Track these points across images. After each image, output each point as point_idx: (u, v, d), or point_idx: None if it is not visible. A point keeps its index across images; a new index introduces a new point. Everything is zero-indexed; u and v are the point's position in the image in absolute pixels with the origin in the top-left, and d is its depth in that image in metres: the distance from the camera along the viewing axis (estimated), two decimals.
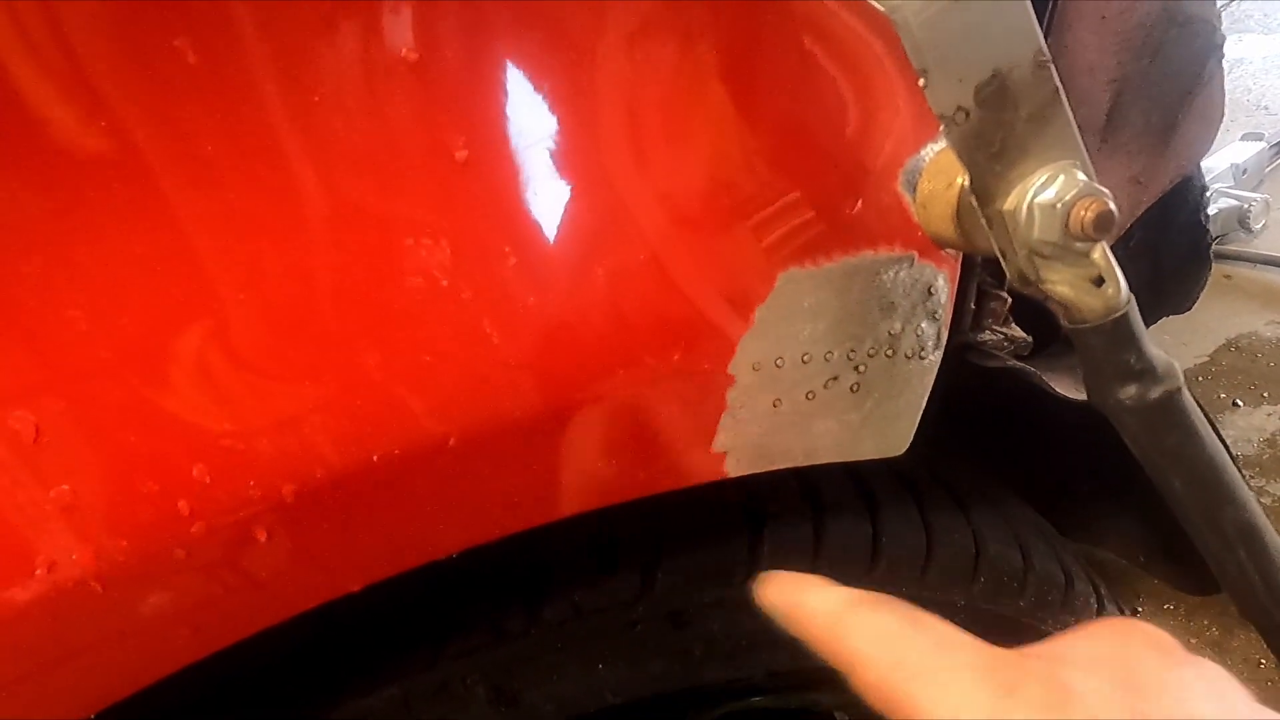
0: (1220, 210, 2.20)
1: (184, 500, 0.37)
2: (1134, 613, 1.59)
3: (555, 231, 0.41)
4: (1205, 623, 1.55)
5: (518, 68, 0.39)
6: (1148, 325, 0.99)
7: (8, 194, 0.35)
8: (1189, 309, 0.93)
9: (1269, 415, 1.84)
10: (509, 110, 0.40)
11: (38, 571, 0.36)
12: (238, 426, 0.37)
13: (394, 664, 0.52)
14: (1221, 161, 2.31)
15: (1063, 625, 0.69)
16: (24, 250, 0.35)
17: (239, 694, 0.49)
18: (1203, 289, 0.91)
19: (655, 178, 0.43)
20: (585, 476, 0.44)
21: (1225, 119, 2.20)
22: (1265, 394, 1.89)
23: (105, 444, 0.37)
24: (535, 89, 0.40)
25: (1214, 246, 2.24)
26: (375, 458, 0.39)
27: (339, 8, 0.36)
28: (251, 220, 0.37)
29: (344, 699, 0.51)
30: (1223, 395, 1.91)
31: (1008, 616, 0.66)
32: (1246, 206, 2.19)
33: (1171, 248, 0.87)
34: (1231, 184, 2.28)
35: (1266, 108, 2.69)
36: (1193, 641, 1.52)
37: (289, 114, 0.37)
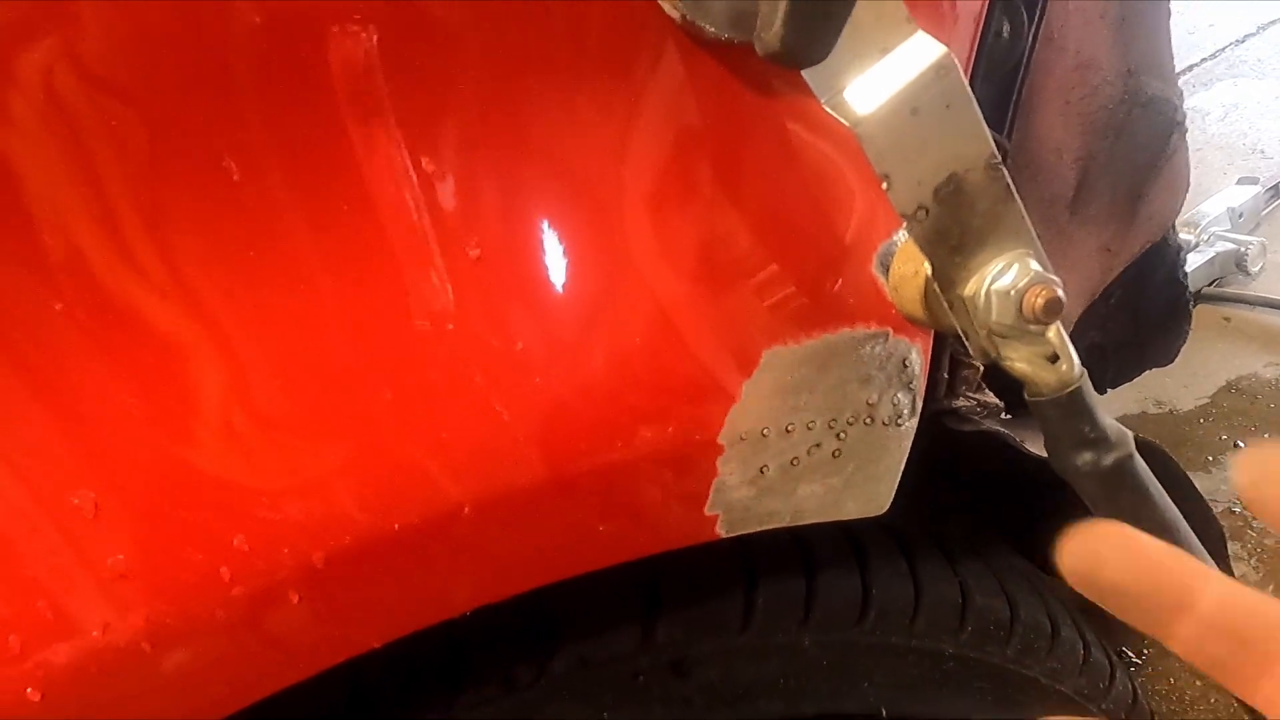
0: (1217, 254, 2.24)
1: (225, 567, 0.41)
2: (1140, 655, 1.61)
3: (558, 319, 0.45)
4: None
5: (522, 179, 0.44)
6: (1131, 378, 1.03)
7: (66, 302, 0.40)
8: (1170, 362, 0.96)
9: None
10: (514, 216, 0.44)
11: (94, 633, 0.41)
12: (274, 500, 0.42)
13: (409, 714, 0.55)
14: (1218, 205, 2.35)
15: (1049, 673, 0.72)
16: (83, 354, 0.40)
17: None
18: (1183, 343, 0.95)
19: (650, 270, 0.47)
20: (588, 539, 0.48)
21: (1222, 163, 2.25)
22: (1266, 435, 1.91)
23: (155, 517, 0.41)
24: (536, 198, 0.44)
25: (1212, 289, 2.27)
26: (397, 525, 0.43)
27: (370, 134, 0.41)
28: (291, 315, 0.41)
29: None
30: (1224, 437, 1.93)
31: (995, 664, 0.69)
32: (1243, 250, 2.23)
33: (1151, 305, 0.91)
34: (1228, 227, 2.32)
35: (1262, 151, 2.73)
36: (1198, 684, 1.53)
37: (325, 222, 0.41)
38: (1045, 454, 0.57)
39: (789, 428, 0.50)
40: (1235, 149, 2.79)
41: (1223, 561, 0.80)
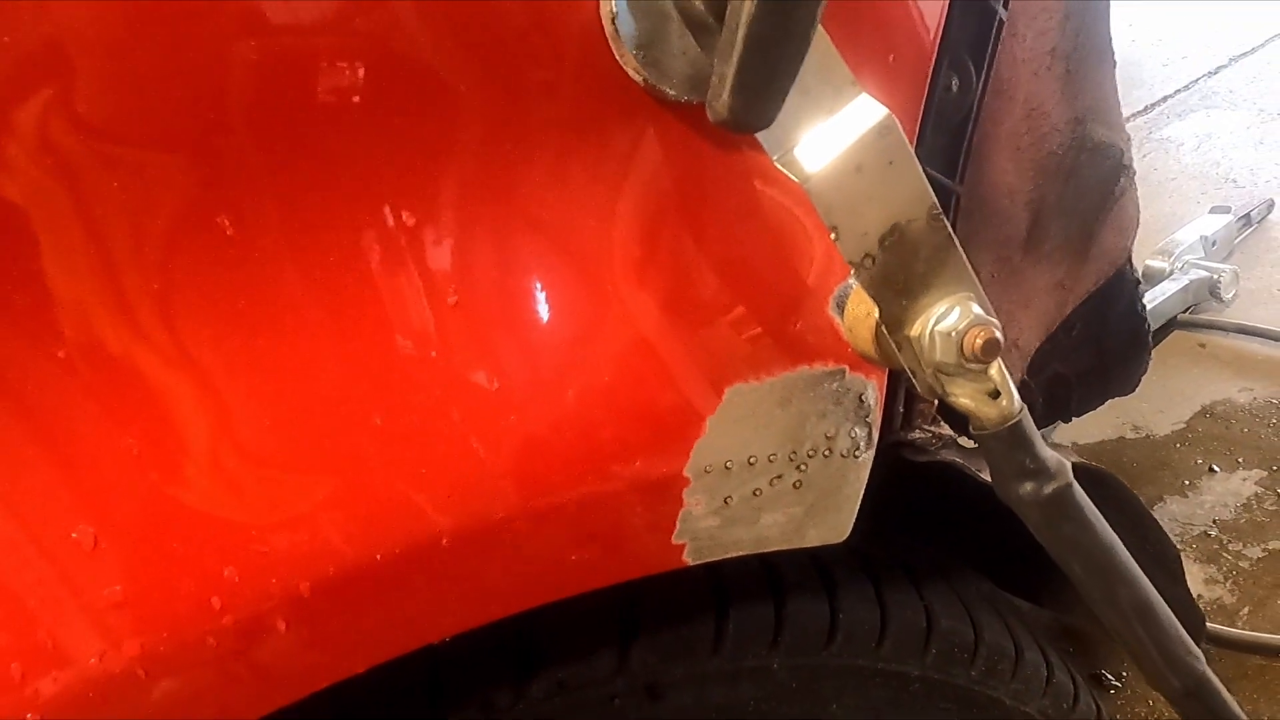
0: (1192, 281, 2.29)
1: (216, 596, 0.44)
2: (1119, 678, 1.63)
3: (532, 360, 0.48)
4: None
5: (497, 231, 0.47)
6: (1094, 407, 1.07)
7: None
8: (1133, 390, 1.00)
9: (1244, 480, 1.90)
10: (489, 265, 0.47)
11: (92, 660, 0.43)
12: (263, 534, 0.44)
13: None
14: (1191, 234, 2.41)
15: (1013, 694, 0.75)
16: (81, 398, 0.43)
17: None
18: (1145, 372, 0.99)
19: (618, 314, 0.50)
20: (561, 567, 0.50)
21: (1196, 192, 2.31)
22: (1240, 459, 1.95)
23: (149, 550, 0.44)
24: (511, 249, 0.48)
25: (1187, 315, 2.32)
26: (379, 556, 0.46)
27: (356, 189, 0.44)
28: (279, 360, 0.44)
29: None
30: (1199, 461, 1.97)
31: (960, 686, 0.72)
32: (1217, 277, 2.28)
33: (1112, 337, 0.94)
34: (1202, 255, 2.37)
35: (1234, 181, 2.79)
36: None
37: (311, 271, 0.45)
38: None
39: (751, 460, 0.53)
40: (1208, 178, 2.85)
41: (1179, 585, 0.83)
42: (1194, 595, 1.73)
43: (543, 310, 0.49)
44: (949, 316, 0.47)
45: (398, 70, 0.43)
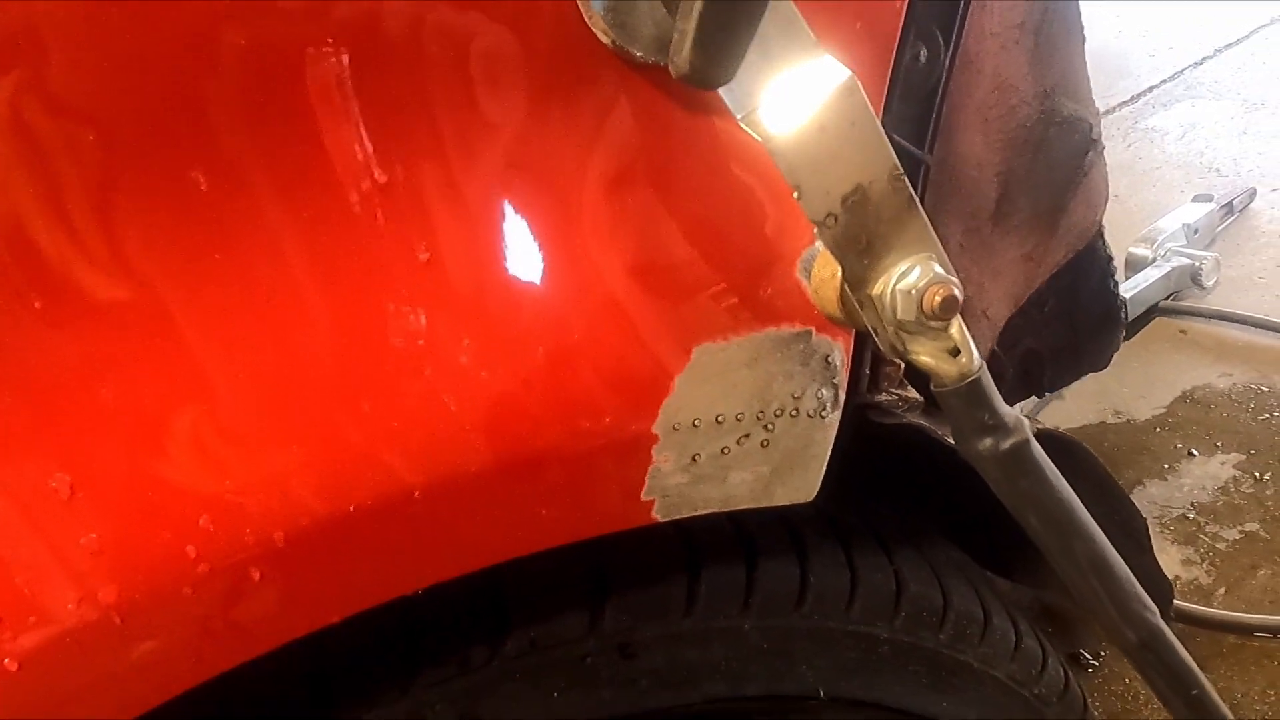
0: (1174, 268, 2.31)
1: (191, 545, 0.45)
2: (1096, 656, 1.66)
3: (503, 318, 0.49)
4: None
5: (468, 189, 0.48)
6: (1067, 383, 1.08)
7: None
8: (1105, 367, 1.01)
9: (1222, 464, 1.92)
10: (460, 223, 0.48)
11: (69, 606, 0.44)
12: (238, 485, 0.45)
13: (369, 693, 0.59)
14: (1174, 222, 2.43)
15: (982, 658, 0.76)
16: (60, 348, 0.43)
17: (238, 714, 0.56)
18: (1116, 348, 1.00)
19: (587, 273, 0.51)
20: (532, 521, 0.52)
21: (1180, 181, 2.33)
22: (1219, 443, 1.97)
23: (125, 500, 0.45)
24: (481, 208, 0.48)
25: (1169, 302, 2.34)
26: (352, 507, 0.47)
27: (329, 146, 0.45)
28: (254, 315, 0.45)
29: None
30: (1179, 445, 1.99)
31: (929, 649, 0.73)
32: (1198, 265, 2.31)
33: (1085, 313, 0.96)
34: (1184, 243, 2.40)
35: (1217, 170, 2.82)
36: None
37: (282, 228, 0.45)
38: None
39: (719, 419, 0.54)
40: (1192, 167, 2.87)
41: (1147, 555, 0.84)
42: (1171, 576, 1.75)
43: (513, 269, 0.50)
44: (910, 275, 0.48)
45: (367, 28, 0.44)
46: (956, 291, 0.48)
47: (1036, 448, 0.51)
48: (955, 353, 0.50)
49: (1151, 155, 3.01)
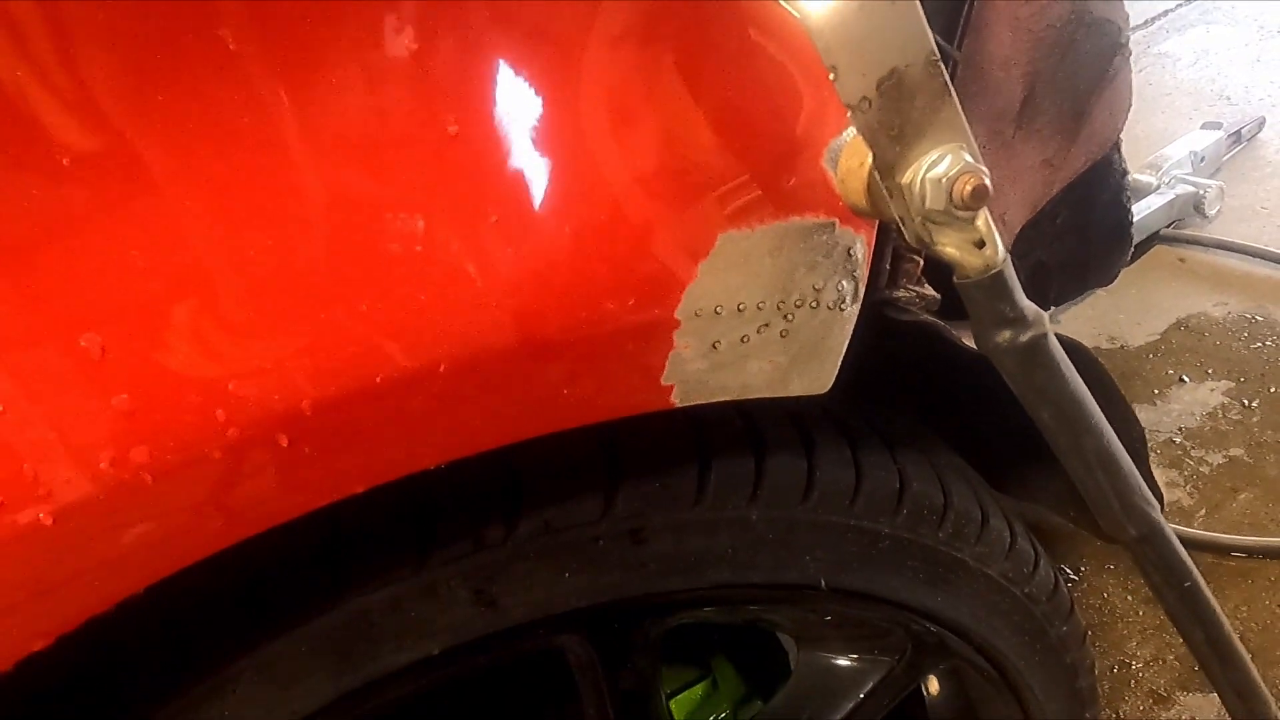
0: (1177, 196, 2.30)
1: (221, 409, 0.45)
2: (1076, 571, 1.70)
3: (530, 196, 0.49)
4: (1142, 581, 1.66)
5: (504, 60, 0.47)
6: (1074, 297, 1.09)
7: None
8: (1111, 282, 1.02)
9: (1212, 390, 1.95)
10: (494, 94, 0.48)
11: (101, 465, 0.45)
12: (267, 351, 0.46)
13: (388, 568, 0.60)
14: (1180, 149, 2.41)
15: (977, 556, 0.79)
16: (92, 211, 0.43)
17: (263, 585, 0.58)
18: (1124, 264, 1.00)
19: (617, 153, 0.51)
20: (554, 401, 0.52)
21: (1189, 108, 2.30)
22: (1210, 370, 1.99)
23: (156, 362, 0.45)
24: (517, 78, 0.48)
25: (1170, 230, 2.34)
26: (379, 379, 0.47)
27: (362, 14, 0.44)
28: (291, 186, 0.45)
29: (345, 597, 0.59)
30: (1170, 371, 2.02)
31: (928, 545, 0.75)
32: (1202, 193, 2.30)
33: (1096, 227, 0.95)
34: (1189, 171, 2.38)
35: (1228, 98, 2.78)
36: (1128, 598, 1.63)
37: (315, 101, 0.45)
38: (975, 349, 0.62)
39: (740, 307, 0.54)
40: (1203, 94, 2.84)
41: (1143, 464, 0.86)
42: None
43: (541, 148, 0.49)
44: (940, 164, 0.48)
45: None
46: (986, 181, 0.48)
47: (1054, 342, 0.52)
48: (980, 244, 0.50)
49: (1162, 81, 2.96)
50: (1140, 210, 2.25)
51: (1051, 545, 1.74)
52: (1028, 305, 0.51)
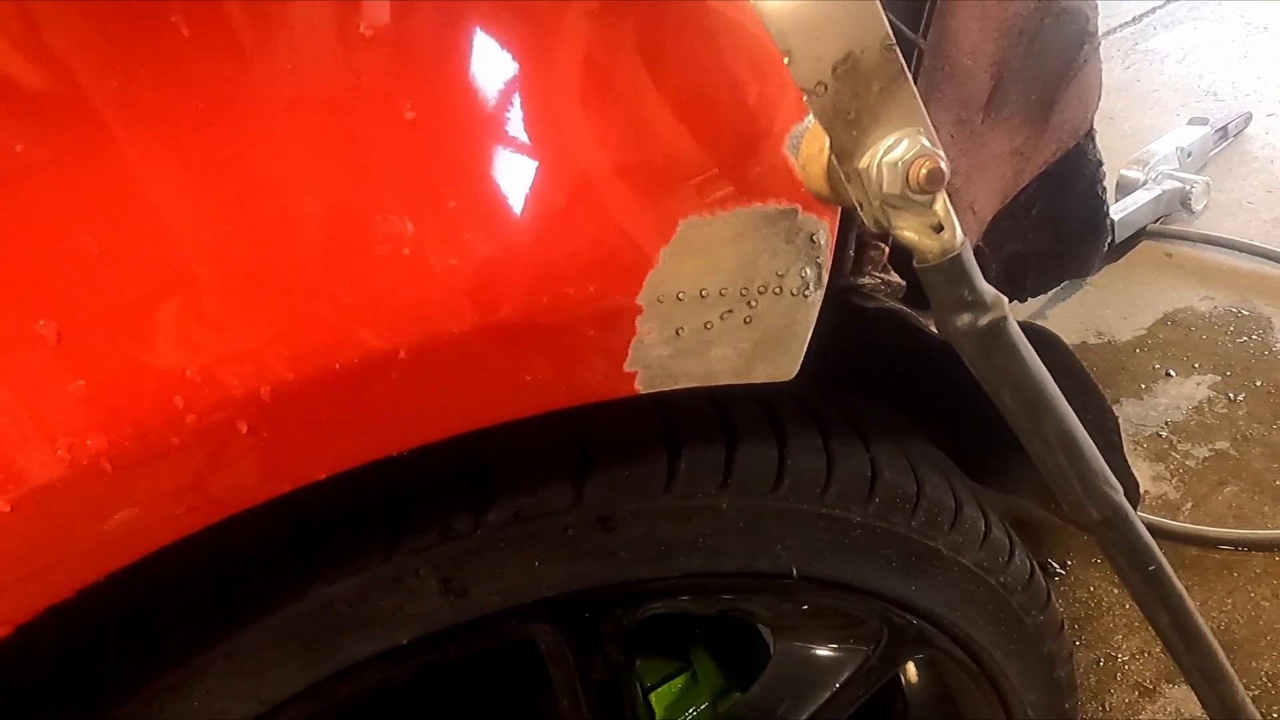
0: (1164, 191, 2.31)
1: (179, 396, 0.45)
2: (1063, 565, 1.71)
3: (489, 182, 0.49)
4: None
5: (463, 44, 0.47)
6: (1050, 288, 1.09)
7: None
8: (1088, 274, 1.02)
9: (1198, 385, 1.96)
10: (452, 79, 0.48)
11: (59, 452, 0.45)
12: (224, 338, 0.46)
13: (355, 557, 0.60)
14: (1167, 145, 2.42)
15: (951, 545, 0.79)
16: (47, 195, 0.43)
17: (232, 575, 0.58)
18: (1101, 254, 1.01)
19: (578, 140, 0.51)
20: (515, 387, 0.52)
21: (1177, 104, 2.31)
22: (1196, 364, 2.00)
23: (113, 347, 0.45)
24: (476, 62, 0.48)
25: (1157, 225, 2.34)
26: (338, 365, 0.47)
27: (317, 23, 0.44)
28: (251, 172, 0.45)
29: (312, 586, 0.59)
30: (1157, 365, 2.02)
31: (900, 534, 0.75)
32: (1189, 188, 2.30)
33: (1071, 218, 0.96)
34: (1176, 166, 2.39)
35: (1215, 94, 2.79)
36: (1114, 592, 1.63)
37: (270, 86, 0.45)
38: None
39: (703, 293, 0.54)
40: (1190, 90, 2.84)
41: (1116, 453, 0.86)
42: (1141, 491, 1.79)
43: (500, 134, 0.50)
44: (897, 148, 0.48)
45: None
46: (943, 164, 0.48)
47: (1013, 325, 0.52)
48: (939, 228, 0.50)
49: (1150, 77, 2.97)
50: (1127, 206, 2.26)
51: (1038, 540, 1.75)
52: (986, 289, 0.51)
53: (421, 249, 0.48)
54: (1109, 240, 1.01)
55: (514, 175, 0.50)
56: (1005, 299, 0.52)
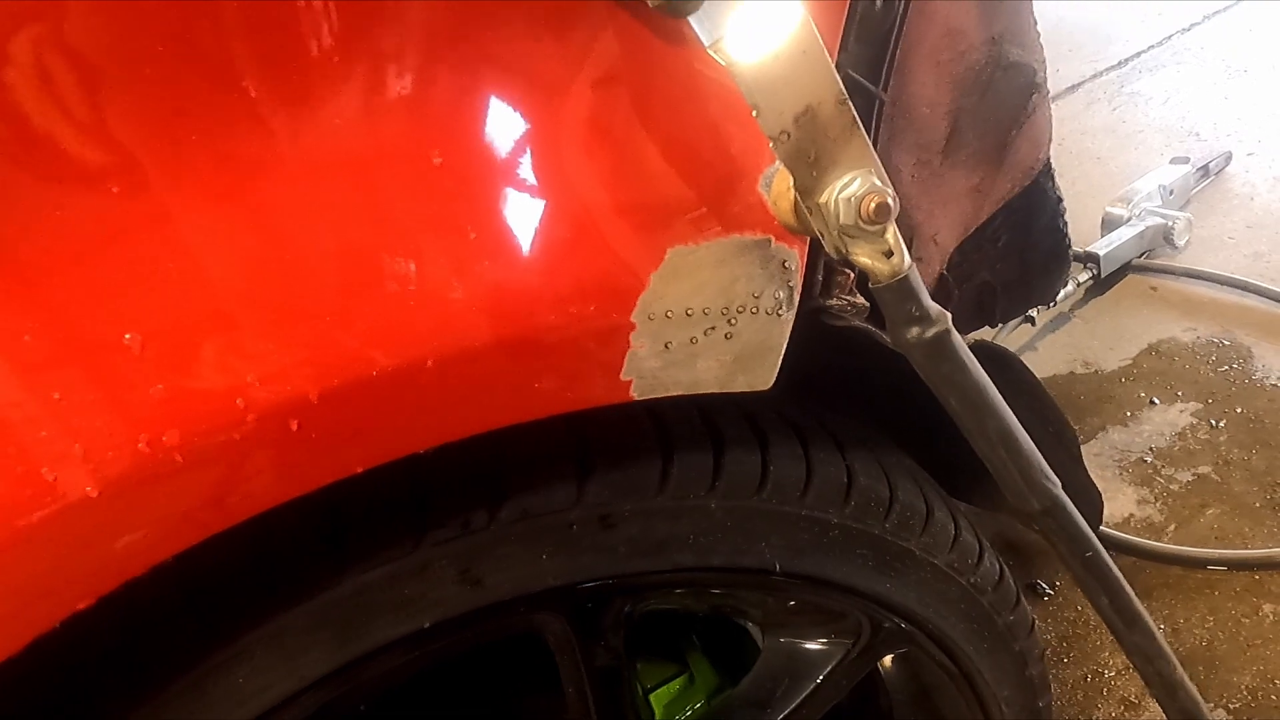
0: (1148, 227, 2.40)
1: (241, 398, 0.54)
2: (1052, 585, 1.77)
3: (504, 216, 0.58)
4: None
5: (483, 100, 0.56)
6: (1016, 315, 1.17)
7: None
8: (1052, 301, 1.10)
9: (1181, 412, 2.03)
10: (473, 130, 0.57)
11: (140, 445, 0.53)
12: (280, 348, 0.54)
13: (385, 548, 0.68)
14: (1150, 183, 2.51)
15: (923, 547, 0.86)
16: (127, 223, 0.52)
17: (275, 564, 0.65)
18: (1064, 284, 1.09)
19: (579, 181, 0.60)
20: (526, 393, 0.60)
21: (1160, 145, 2.41)
22: (1179, 393, 2.07)
23: (186, 357, 0.53)
24: (494, 116, 0.57)
25: (1141, 260, 2.43)
26: (375, 373, 0.56)
27: (356, 61, 0.53)
28: (304, 206, 0.54)
29: (348, 573, 0.67)
30: (1142, 394, 2.09)
31: (875, 535, 0.83)
32: (1171, 224, 2.40)
33: (1035, 249, 1.04)
34: (1159, 203, 2.48)
35: (1198, 134, 2.89)
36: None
37: (318, 132, 0.54)
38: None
39: (689, 312, 0.63)
40: (1173, 131, 2.95)
41: (1078, 465, 0.94)
42: (1125, 515, 1.86)
43: (513, 174, 0.58)
44: (851, 185, 0.57)
45: None
46: (890, 200, 0.56)
47: (956, 336, 0.60)
48: (889, 254, 0.58)
49: (1135, 119, 3.08)
50: (1112, 241, 2.35)
51: (1028, 562, 1.81)
52: (932, 305, 0.59)
53: (446, 273, 0.56)
54: (1069, 270, 1.09)
55: (525, 212, 0.59)
56: (948, 314, 0.60)
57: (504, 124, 0.58)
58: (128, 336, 0.52)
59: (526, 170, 0.58)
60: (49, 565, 0.53)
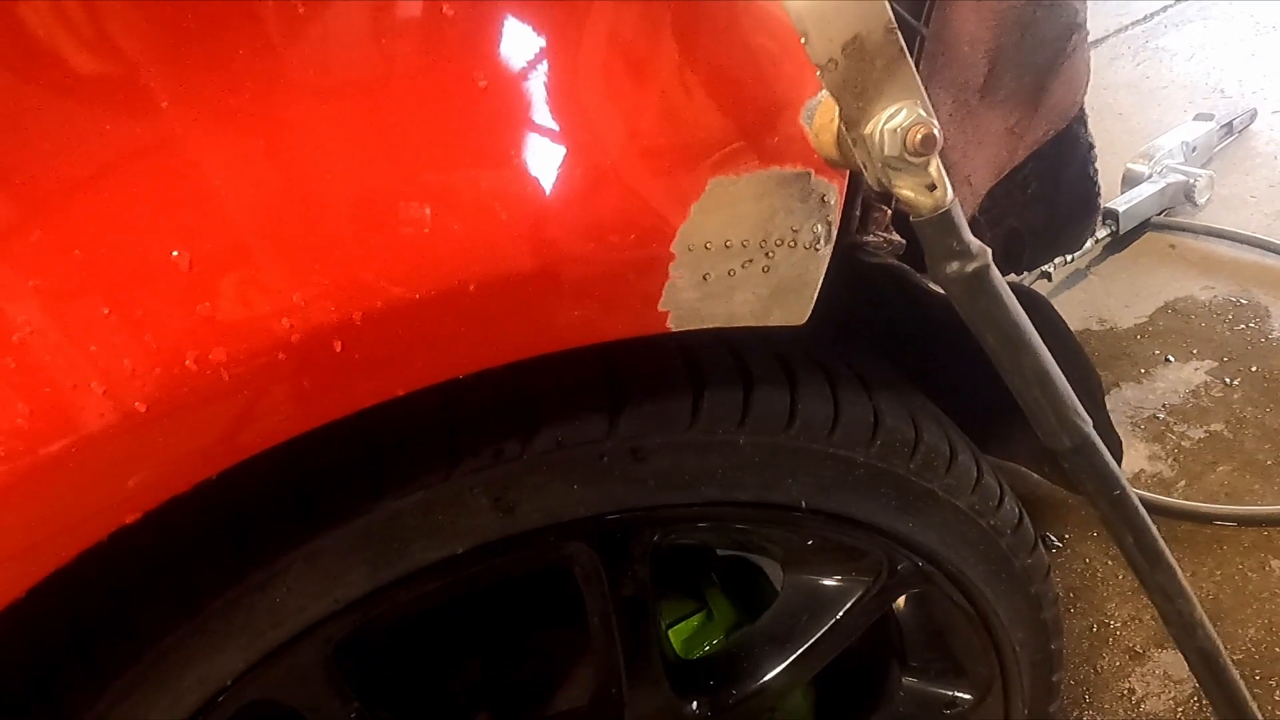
0: (1169, 184, 2.38)
1: (286, 318, 0.54)
2: (1061, 539, 1.78)
3: (547, 143, 0.58)
4: None
5: (529, 25, 0.56)
6: (1044, 262, 1.17)
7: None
8: (1080, 248, 1.10)
9: (1195, 370, 2.03)
10: (518, 54, 0.56)
11: (187, 362, 0.53)
12: (325, 267, 0.54)
13: (420, 476, 0.69)
14: (1173, 139, 2.48)
15: (946, 488, 0.87)
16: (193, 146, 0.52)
17: (314, 488, 0.66)
18: (1092, 232, 1.08)
19: (622, 109, 0.59)
20: (565, 321, 0.61)
21: (1184, 101, 2.38)
22: (1194, 351, 2.07)
23: (232, 275, 0.54)
24: (538, 42, 0.56)
25: (1161, 218, 2.41)
26: (418, 295, 0.56)
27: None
28: (359, 131, 0.54)
29: (383, 499, 0.68)
30: (1157, 352, 2.09)
31: (899, 475, 0.83)
32: (1193, 182, 2.37)
33: (1064, 197, 1.04)
34: (1181, 160, 2.45)
35: (1222, 91, 2.85)
36: (1109, 563, 1.71)
37: (373, 55, 0.53)
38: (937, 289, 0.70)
39: (728, 244, 0.63)
40: (1198, 88, 2.90)
41: (1100, 410, 0.94)
42: (1137, 470, 1.86)
43: (558, 102, 0.58)
44: (897, 116, 0.57)
45: None
46: (935, 131, 0.56)
47: (995, 272, 0.60)
48: (932, 187, 0.58)
49: (1159, 74, 3.03)
50: (1132, 198, 2.33)
51: (1038, 515, 1.83)
52: (972, 240, 0.59)
53: (490, 200, 0.56)
54: (1099, 218, 1.08)
55: (568, 138, 0.58)
56: (988, 250, 0.60)
57: (549, 51, 0.57)
58: (175, 253, 0.52)
59: (571, 101, 0.58)
60: (100, 478, 0.54)
